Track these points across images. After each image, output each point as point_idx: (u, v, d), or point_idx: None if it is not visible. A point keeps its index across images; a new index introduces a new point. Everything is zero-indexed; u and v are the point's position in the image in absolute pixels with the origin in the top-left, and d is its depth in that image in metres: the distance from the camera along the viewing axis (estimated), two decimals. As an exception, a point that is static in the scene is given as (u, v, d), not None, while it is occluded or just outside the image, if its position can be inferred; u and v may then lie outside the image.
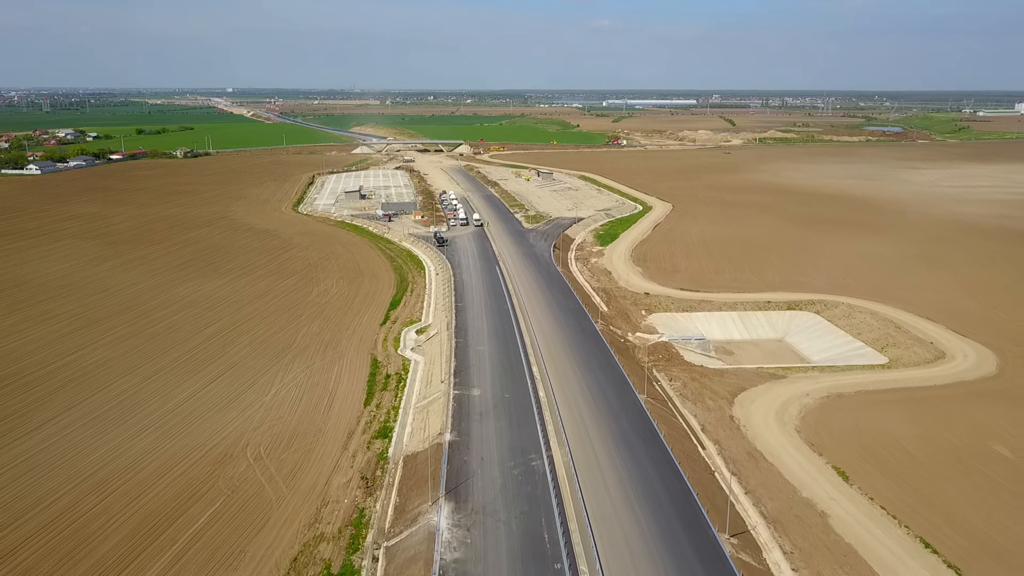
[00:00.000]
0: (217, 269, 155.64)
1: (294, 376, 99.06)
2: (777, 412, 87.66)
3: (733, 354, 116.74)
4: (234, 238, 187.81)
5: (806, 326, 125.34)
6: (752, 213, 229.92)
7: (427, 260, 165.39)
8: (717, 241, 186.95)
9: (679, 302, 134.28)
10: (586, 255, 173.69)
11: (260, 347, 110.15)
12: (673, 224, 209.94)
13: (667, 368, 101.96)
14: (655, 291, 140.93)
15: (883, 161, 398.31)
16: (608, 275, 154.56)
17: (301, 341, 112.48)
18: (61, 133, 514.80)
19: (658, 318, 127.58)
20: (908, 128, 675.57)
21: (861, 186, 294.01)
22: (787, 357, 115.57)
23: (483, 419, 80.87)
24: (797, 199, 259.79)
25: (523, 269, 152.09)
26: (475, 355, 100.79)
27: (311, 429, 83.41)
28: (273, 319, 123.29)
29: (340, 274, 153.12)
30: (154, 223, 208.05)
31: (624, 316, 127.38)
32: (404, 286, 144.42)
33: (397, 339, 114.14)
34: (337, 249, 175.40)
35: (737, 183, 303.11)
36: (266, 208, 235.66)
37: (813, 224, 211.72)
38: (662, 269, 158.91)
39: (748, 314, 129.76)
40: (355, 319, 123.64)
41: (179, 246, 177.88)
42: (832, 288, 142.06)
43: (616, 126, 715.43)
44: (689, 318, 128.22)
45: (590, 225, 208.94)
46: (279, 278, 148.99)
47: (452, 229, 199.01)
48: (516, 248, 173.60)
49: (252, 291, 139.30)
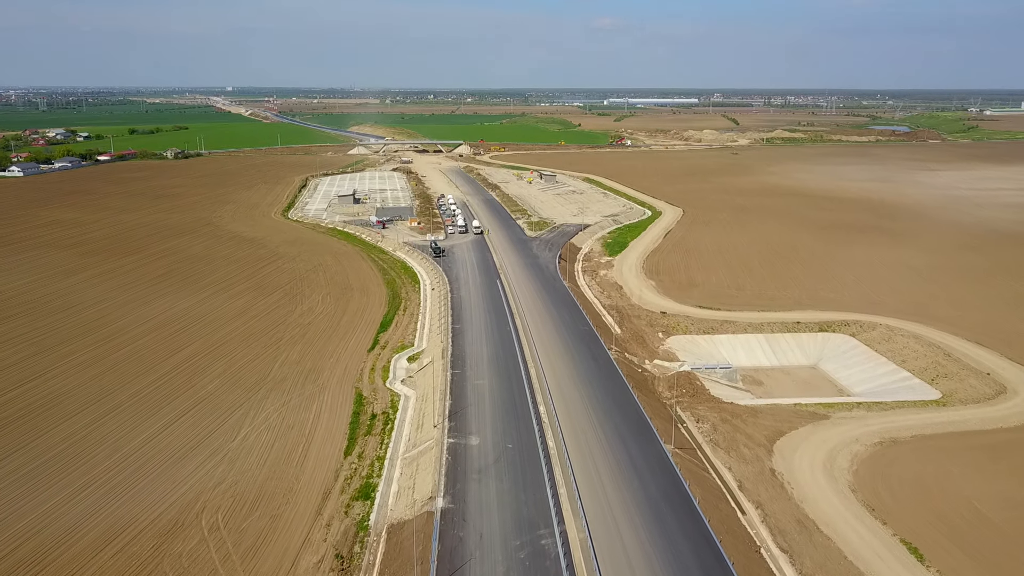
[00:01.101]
0: (195, 283, 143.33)
1: (267, 415, 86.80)
2: (825, 464, 75.37)
3: (763, 384, 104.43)
4: (216, 248, 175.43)
5: (841, 351, 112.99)
6: (767, 218, 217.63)
7: (422, 273, 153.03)
8: (734, 250, 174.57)
9: (699, 323, 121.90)
10: (594, 267, 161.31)
11: (233, 378, 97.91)
12: (685, 231, 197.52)
13: (693, 406, 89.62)
14: (672, 309, 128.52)
15: (896, 162, 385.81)
16: (619, 290, 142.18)
17: (279, 371, 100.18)
18: (51, 133, 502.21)
19: (677, 342, 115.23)
20: (916, 127, 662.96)
21: (877, 189, 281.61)
22: (823, 388, 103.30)
23: (482, 478, 68.56)
24: (813, 203, 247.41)
25: (526, 283, 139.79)
26: (473, 391, 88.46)
27: (281, 487, 71.11)
28: (250, 343, 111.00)
29: (327, 289, 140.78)
30: (133, 230, 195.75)
31: (640, 339, 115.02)
32: (396, 303, 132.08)
33: (386, 368, 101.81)
34: (326, 260, 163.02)
35: (748, 186, 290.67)
36: (254, 214, 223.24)
37: (833, 231, 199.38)
38: (677, 283, 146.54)
39: (776, 337, 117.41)
40: (340, 343, 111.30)
41: (156, 257, 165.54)
42: (865, 305, 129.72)
43: (618, 125, 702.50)
44: (711, 341, 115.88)
45: (597, 232, 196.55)
46: (261, 294, 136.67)
47: (450, 237, 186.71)
48: (519, 259, 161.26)
49: (230, 309, 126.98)
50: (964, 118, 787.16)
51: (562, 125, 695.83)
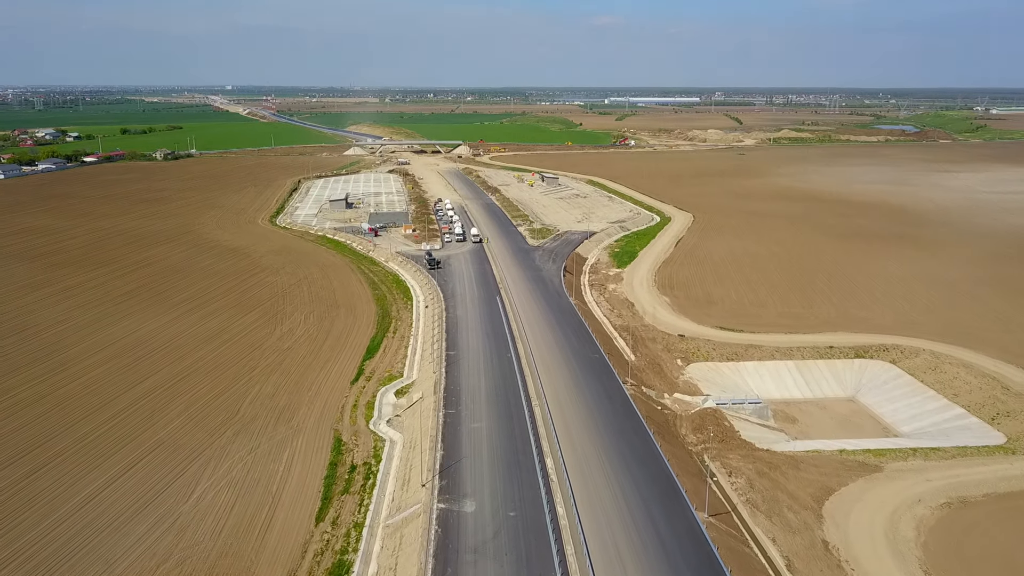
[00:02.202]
0: (167, 300, 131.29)
1: (230, 467, 74.81)
2: (887, 534, 63.34)
3: (797, 422, 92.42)
4: (195, 258, 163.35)
5: (882, 381, 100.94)
6: (783, 225, 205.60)
7: (416, 288, 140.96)
8: (751, 261, 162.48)
9: (721, 347, 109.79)
10: (602, 280, 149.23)
11: (196, 417, 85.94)
12: (697, 239, 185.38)
13: (723, 453, 77.59)
14: (690, 331, 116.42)
15: (909, 163, 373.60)
16: (630, 308, 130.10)
17: (249, 409, 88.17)
18: (40, 133, 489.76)
19: (698, 370, 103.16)
20: (923, 127, 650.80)
21: (895, 192, 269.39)
22: (866, 427, 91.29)
23: (478, 559, 56.56)
24: (829, 208, 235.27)
25: (529, 300, 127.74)
26: (469, 438, 76.42)
27: (236, 568, 59.09)
28: (221, 373, 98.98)
29: (311, 306, 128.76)
30: (110, 239, 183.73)
31: (656, 368, 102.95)
32: (386, 324, 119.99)
33: (371, 405, 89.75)
34: (312, 273, 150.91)
35: (759, 189, 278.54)
36: (240, 220, 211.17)
37: (854, 238, 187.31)
38: (693, 299, 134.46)
39: (807, 364, 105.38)
40: (321, 373, 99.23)
41: (130, 269, 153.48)
42: (902, 326, 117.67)
43: (620, 124, 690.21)
44: (736, 370, 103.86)
45: (603, 240, 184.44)
46: (238, 313, 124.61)
47: (447, 246, 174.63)
48: (520, 271, 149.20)
49: (202, 331, 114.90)
50: (971, 117, 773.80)
51: (563, 124, 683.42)
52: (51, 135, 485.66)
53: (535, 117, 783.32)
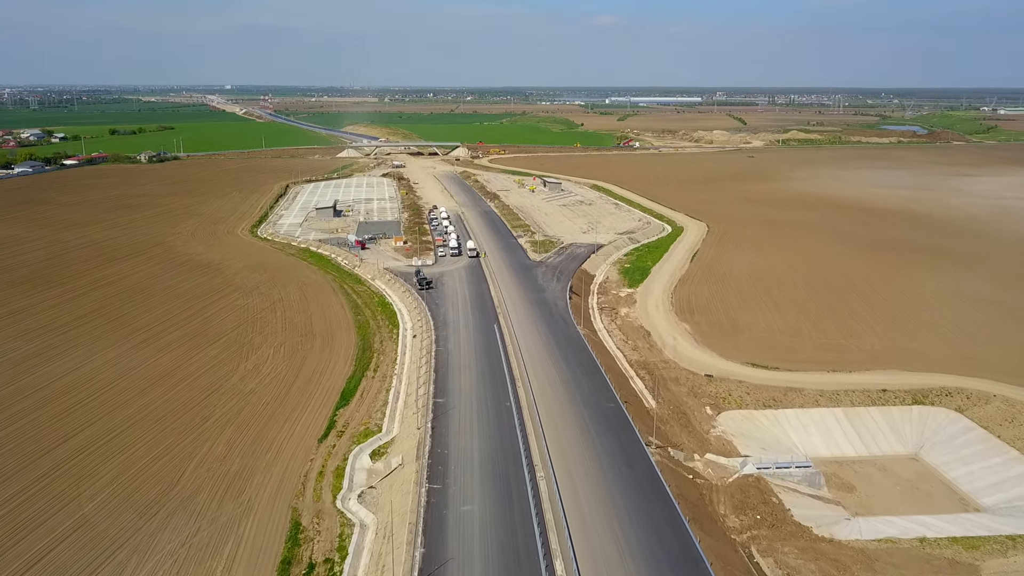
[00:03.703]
0: (120, 328, 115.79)
1: (155, 566, 59.39)
2: None
3: (855, 490, 77.02)
4: (162, 276, 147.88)
5: (949, 435, 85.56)
6: (803, 235, 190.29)
7: (404, 312, 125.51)
8: (775, 278, 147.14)
9: (756, 390, 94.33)
10: (612, 302, 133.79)
11: (126, 488, 70.52)
12: (715, 253, 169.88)
13: (774, 545, 62.15)
14: (718, 368, 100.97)
15: (925, 166, 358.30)
16: (646, 337, 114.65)
17: (193, 477, 72.74)
18: (25, 134, 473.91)
19: (732, 420, 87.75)
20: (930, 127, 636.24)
21: (917, 198, 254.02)
22: (939, 495, 75.95)
23: None
24: (849, 215, 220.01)
25: (531, 329, 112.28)
26: (458, 527, 60.98)
27: None
28: (167, 425, 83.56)
29: (284, 335, 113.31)
30: (73, 252, 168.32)
31: (682, 418, 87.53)
32: (366, 359, 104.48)
33: (340, 471, 74.27)
34: (289, 294, 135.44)
35: (773, 194, 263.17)
36: (218, 230, 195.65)
37: (883, 251, 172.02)
38: (717, 326, 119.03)
39: (858, 412, 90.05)
40: (285, 426, 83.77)
41: (88, 288, 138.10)
42: (961, 362, 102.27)
43: (622, 125, 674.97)
44: (775, 420, 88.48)
45: (612, 254, 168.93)
46: (199, 344, 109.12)
47: (440, 261, 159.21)
48: (521, 292, 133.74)
49: (154, 369, 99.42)
50: (979, 118, 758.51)
51: (564, 125, 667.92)
52: (36, 136, 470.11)
53: (535, 117, 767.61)
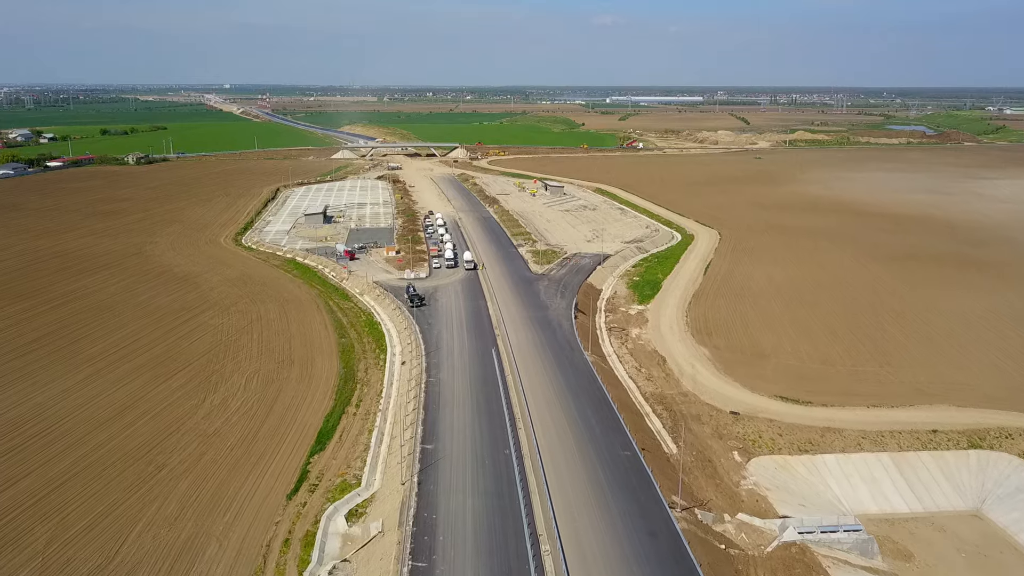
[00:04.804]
0: (80, 353, 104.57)
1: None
2: None
3: (912, 558, 65.82)
4: (134, 290, 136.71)
5: (1015, 487, 74.41)
6: (822, 244, 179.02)
7: (393, 333, 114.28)
8: (797, 294, 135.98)
9: (789, 431, 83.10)
10: (622, 321, 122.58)
11: (53, 564, 59.38)
12: (730, 264, 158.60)
13: (832, 646, 50.91)
14: (743, 403, 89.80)
15: (939, 168, 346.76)
16: (661, 365, 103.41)
17: (134, 546, 61.54)
18: (13, 134, 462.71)
19: (764, 469, 76.50)
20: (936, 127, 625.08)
21: (936, 203, 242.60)
22: (1012, 564, 64.72)
23: None
24: (868, 222, 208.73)
25: (534, 356, 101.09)
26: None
27: None
28: (113, 477, 72.37)
29: (259, 362, 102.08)
30: (43, 263, 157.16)
31: (707, 466, 76.29)
32: (348, 391, 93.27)
33: (310, 538, 62.98)
34: (269, 312, 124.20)
35: (785, 198, 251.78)
36: (201, 238, 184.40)
37: (909, 262, 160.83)
38: (739, 351, 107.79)
39: (907, 458, 78.87)
40: (250, 477, 72.51)
41: (50, 305, 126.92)
42: (1016, 395, 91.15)
43: (623, 124, 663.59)
44: (814, 467, 77.27)
45: (619, 266, 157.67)
46: (164, 372, 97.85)
47: (435, 273, 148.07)
48: (522, 310, 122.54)
49: (107, 405, 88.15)
50: (986, 117, 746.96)
51: (565, 125, 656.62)
52: (24, 136, 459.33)
53: (536, 117, 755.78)
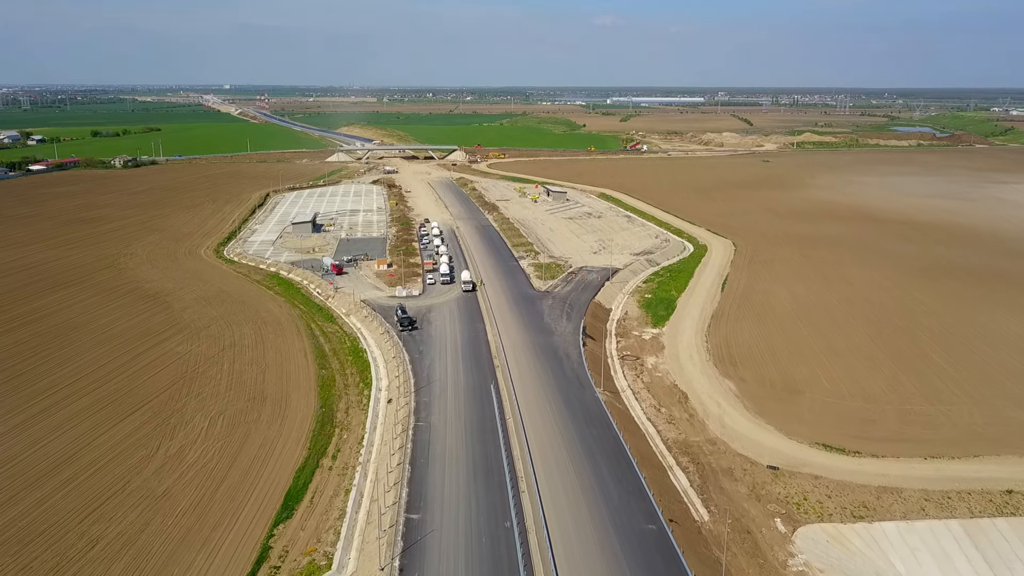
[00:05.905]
0: (26, 387, 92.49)
1: None
2: None
3: (1007, 666, 53.57)
4: (99, 310, 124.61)
5: (1115, 564, 62.12)
6: (846, 256, 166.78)
7: (379, 365, 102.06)
8: (826, 315, 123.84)
9: (839, 490, 70.92)
10: (636, 348, 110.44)
11: None
12: (748, 279, 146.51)
13: None
14: (781, 453, 77.67)
15: (954, 172, 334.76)
16: (683, 403, 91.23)
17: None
18: (1, 136, 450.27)
19: (814, 542, 64.21)
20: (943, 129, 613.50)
21: (959, 210, 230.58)
22: None
23: None
24: (889, 230, 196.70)
25: (539, 394, 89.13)
26: None
27: None
28: (31, 557, 60.25)
29: (227, 399, 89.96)
30: (8, 277, 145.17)
31: (746, 538, 64.09)
32: (325, 437, 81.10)
33: (265, 648, 50.93)
34: (244, 336, 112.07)
35: (799, 204, 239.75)
36: (180, 249, 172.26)
37: (941, 276, 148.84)
38: (768, 385, 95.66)
39: (980, 525, 66.68)
40: (199, 557, 60.34)
41: (9, 325, 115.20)
42: (1093, 443, 79.05)
43: (625, 125, 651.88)
44: (872, 539, 64.99)
45: (629, 281, 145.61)
46: (115, 413, 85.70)
47: (429, 290, 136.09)
48: (525, 335, 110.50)
49: (45, 456, 76.00)
50: (993, 119, 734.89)
51: (566, 126, 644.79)
52: (12, 138, 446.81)
53: (536, 118, 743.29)
